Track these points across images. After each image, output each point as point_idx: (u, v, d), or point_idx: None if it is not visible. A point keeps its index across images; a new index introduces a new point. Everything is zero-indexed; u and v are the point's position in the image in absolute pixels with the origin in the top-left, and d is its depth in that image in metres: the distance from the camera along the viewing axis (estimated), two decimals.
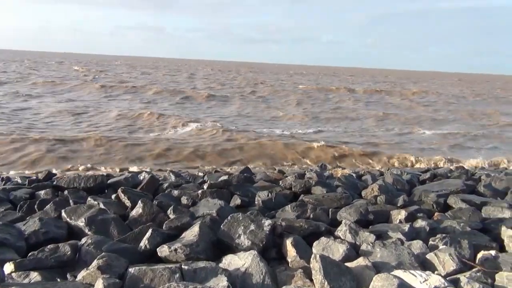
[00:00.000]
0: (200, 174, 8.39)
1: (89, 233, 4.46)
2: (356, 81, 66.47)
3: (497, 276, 3.57)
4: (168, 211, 5.04)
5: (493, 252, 4.09)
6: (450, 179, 7.96)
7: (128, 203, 5.37)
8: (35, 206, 5.37)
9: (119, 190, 5.56)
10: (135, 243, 4.18)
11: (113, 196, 5.68)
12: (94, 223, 4.57)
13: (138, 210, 4.94)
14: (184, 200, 5.75)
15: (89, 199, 5.40)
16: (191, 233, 4.10)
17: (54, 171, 8.79)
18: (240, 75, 65.92)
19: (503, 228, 4.76)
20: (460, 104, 35.22)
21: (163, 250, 3.87)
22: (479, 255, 4.06)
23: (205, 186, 6.36)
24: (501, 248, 4.48)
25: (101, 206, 5.13)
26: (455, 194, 6.41)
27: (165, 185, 6.55)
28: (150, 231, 4.14)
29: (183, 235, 4.21)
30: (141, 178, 6.73)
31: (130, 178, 6.64)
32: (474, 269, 3.69)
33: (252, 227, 4.21)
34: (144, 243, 4.06)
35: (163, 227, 4.48)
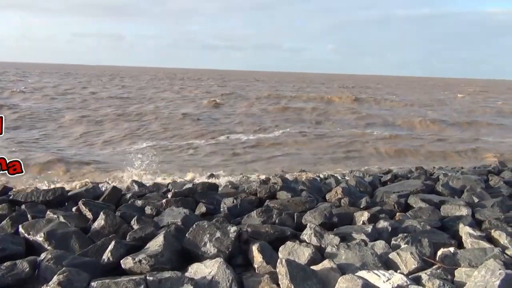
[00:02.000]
0: (164, 183, 8.29)
1: (48, 248, 4.30)
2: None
3: (456, 272, 3.70)
4: (132, 222, 4.94)
5: (452, 249, 4.23)
6: (410, 180, 8.21)
7: (89, 215, 5.23)
8: None
9: (80, 202, 5.40)
10: (97, 256, 4.07)
11: (73, 209, 5.53)
12: (53, 237, 4.42)
13: (100, 222, 4.82)
14: (148, 210, 5.66)
15: (48, 212, 5.23)
16: (156, 243, 4.04)
17: None
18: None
19: (461, 225, 4.94)
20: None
21: (127, 262, 3.79)
22: (439, 253, 4.20)
23: (169, 195, 6.28)
24: (459, 245, 4.65)
25: (61, 219, 4.97)
26: (415, 194, 6.62)
27: (128, 195, 6.43)
28: (113, 243, 4.05)
29: (147, 245, 4.13)
30: (103, 189, 6.58)
31: (91, 189, 6.48)
32: (434, 266, 3.81)
33: (218, 234, 4.19)
34: (107, 255, 3.96)
35: (127, 238, 4.39)
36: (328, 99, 40.09)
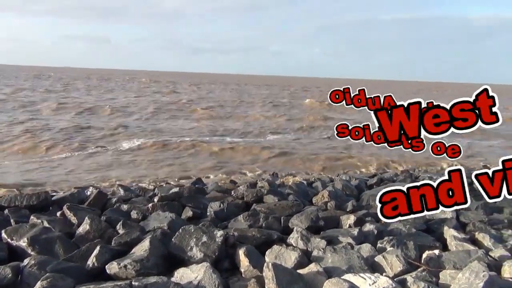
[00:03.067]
0: (151, 187, 8.24)
1: (32, 253, 4.23)
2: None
3: (441, 275, 3.74)
4: (117, 227, 4.88)
5: (436, 252, 4.28)
6: (396, 183, 8.27)
7: (74, 220, 5.16)
8: None
9: (65, 207, 5.34)
10: (82, 261, 4.02)
11: (58, 214, 5.45)
12: (37, 242, 4.35)
13: (85, 226, 4.76)
14: (134, 214, 5.61)
15: (32, 217, 5.14)
16: (141, 248, 4.01)
17: None
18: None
19: (445, 228, 5.00)
20: None
21: (112, 267, 3.76)
22: (424, 255, 4.25)
23: (155, 199, 6.23)
24: (444, 247, 4.71)
25: (45, 224, 4.90)
26: None
27: (114, 199, 6.36)
28: (98, 248, 4.00)
29: (133, 250, 4.10)
30: (88, 193, 6.52)
31: (76, 193, 6.41)
32: (419, 269, 3.84)
33: (204, 238, 4.17)
34: (92, 260, 3.91)
35: (112, 243, 4.35)
36: (304, 104, 39.98)
